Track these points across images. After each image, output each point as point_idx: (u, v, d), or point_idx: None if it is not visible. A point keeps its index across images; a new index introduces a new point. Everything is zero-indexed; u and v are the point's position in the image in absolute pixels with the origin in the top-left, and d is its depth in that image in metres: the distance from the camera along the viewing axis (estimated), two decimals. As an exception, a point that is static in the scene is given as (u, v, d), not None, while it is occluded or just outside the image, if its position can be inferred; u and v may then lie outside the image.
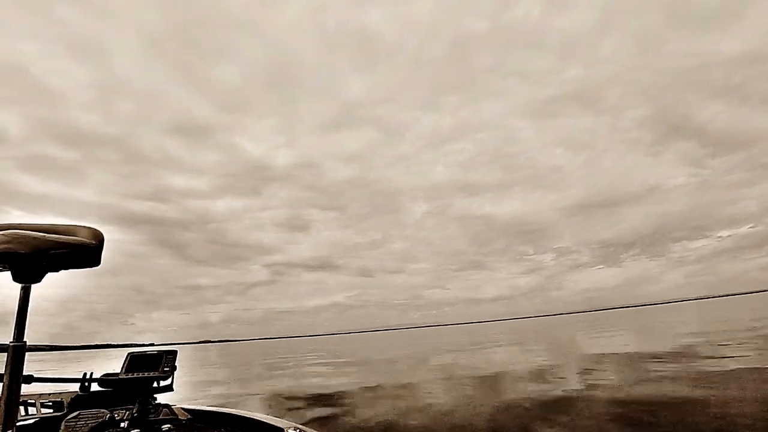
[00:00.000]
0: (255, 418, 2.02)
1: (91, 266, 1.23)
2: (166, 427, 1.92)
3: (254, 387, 10.41)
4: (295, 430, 1.83)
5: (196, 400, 8.55)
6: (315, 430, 1.92)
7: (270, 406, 7.45)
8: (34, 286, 1.22)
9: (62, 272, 1.22)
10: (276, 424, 1.91)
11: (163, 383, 2.07)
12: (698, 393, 5.76)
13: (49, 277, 1.22)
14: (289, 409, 6.87)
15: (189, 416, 2.13)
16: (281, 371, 14.91)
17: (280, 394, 8.67)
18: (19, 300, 1.21)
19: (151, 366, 2.06)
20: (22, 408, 1.91)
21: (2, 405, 1.20)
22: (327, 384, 9.91)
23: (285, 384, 10.55)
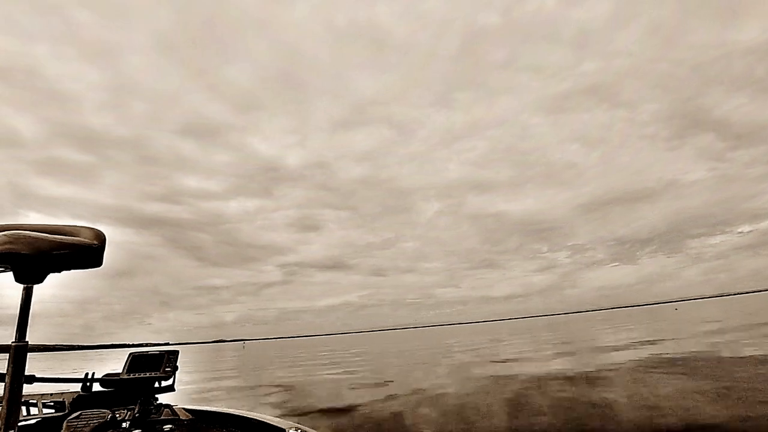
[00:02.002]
0: (256, 418, 2.01)
1: (93, 267, 1.22)
2: (167, 427, 1.92)
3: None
4: (296, 430, 1.82)
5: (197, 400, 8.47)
6: (316, 430, 1.90)
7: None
8: (36, 287, 1.22)
9: (79, 275, 1.22)
10: (277, 425, 1.90)
11: (164, 383, 2.07)
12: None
13: (61, 278, 1.22)
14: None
15: (191, 416, 2.13)
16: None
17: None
18: (21, 300, 1.21)
19: (153, 366, 2.06)
20: (24, 408, 1.92)
21: (4, 405, 1.20)
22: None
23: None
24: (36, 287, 1.22)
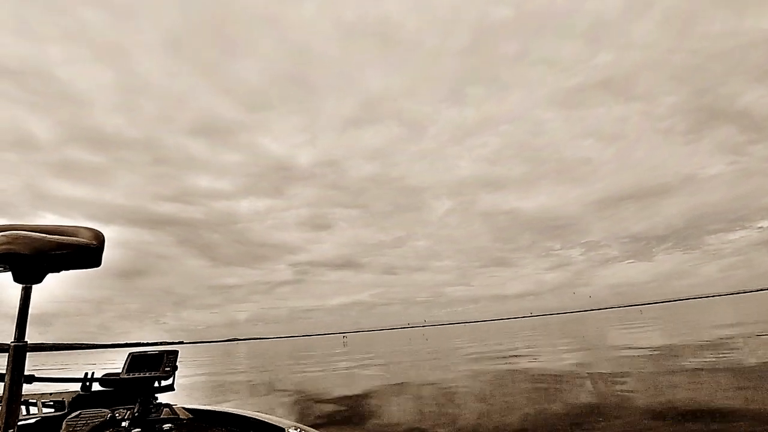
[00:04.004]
0: (256, 417, 2.00)
1: (92, 267, 1.21)
2: (167, 426, 1.92)
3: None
4: (296, 429, 1.81)
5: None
6: (316, 429, 1.89)
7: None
8: (35, 287, 1.22)
9: (89, 274, 1.22)
10: (277, 424, 1.89)
11: (164, 383, 2.07)
12: None
13: (73, 278, 1.23)
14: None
15: (190, 416, 2.13)
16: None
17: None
18: (20, 300, 1.21)
19: (153, 366, 2.06)
20: (23, 408, 1.94)
21: (4, 404, 1.20)
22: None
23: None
24: (37, 287, 1.22)
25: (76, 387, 2.06)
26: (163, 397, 2.09)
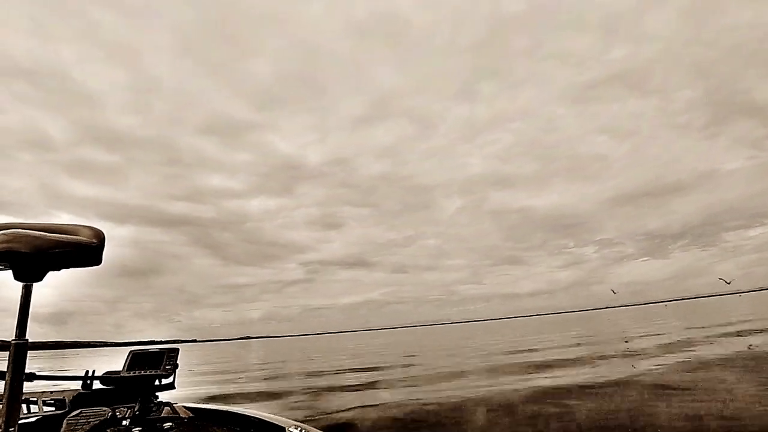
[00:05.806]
0: (256, 416, 2.00)
1: (93, 265, 1.21)
2: (167, 425, 1.92)
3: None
4: (296, 428, 1.80)
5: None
6: (316, 428, 1.88)
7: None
8: (35, 285, 1.22)
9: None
10: (277, 423, 1.89)
11: (165, 381, 2.07)
12: None
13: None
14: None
15: (191, 414, 2.13)
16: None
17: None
18: (21, 298, 1.22)
19: (153, 364, 2.07)
20: (24, 406, 1.95)
21: (4, 403, 1.20)
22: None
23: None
24: (37, 285, 1.22)
25: (77, 385, 2.07)
26: (163, 396, 2.09)
